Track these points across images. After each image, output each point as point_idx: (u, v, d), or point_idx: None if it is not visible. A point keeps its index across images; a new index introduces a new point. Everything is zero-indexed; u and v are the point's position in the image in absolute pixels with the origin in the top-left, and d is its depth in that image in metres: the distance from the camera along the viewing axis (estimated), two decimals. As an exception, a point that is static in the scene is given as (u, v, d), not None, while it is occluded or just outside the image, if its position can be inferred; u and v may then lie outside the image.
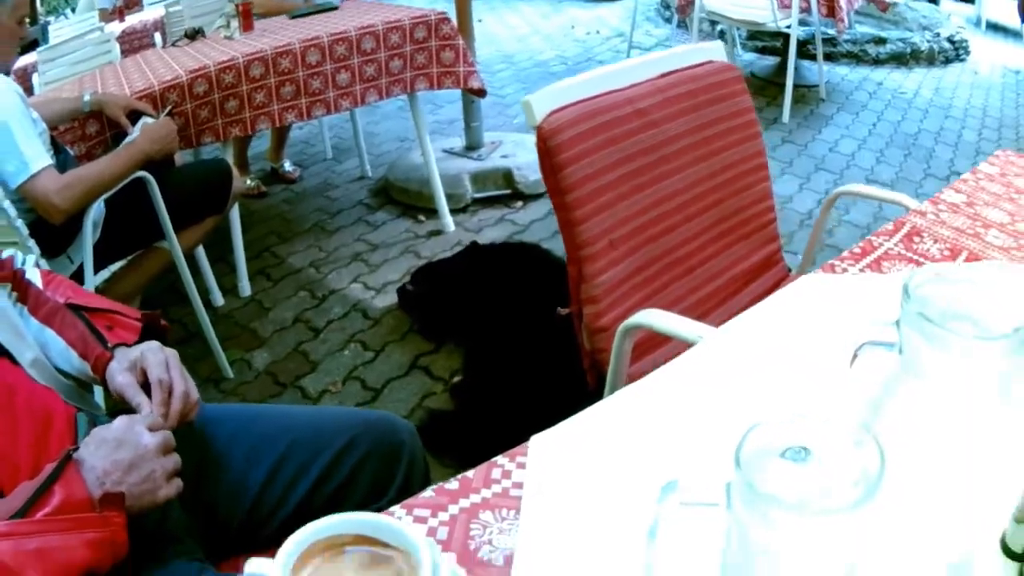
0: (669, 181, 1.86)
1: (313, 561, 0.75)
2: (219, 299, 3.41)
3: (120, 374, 1.26)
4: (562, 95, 1.76)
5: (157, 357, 1.27)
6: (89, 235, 2.45)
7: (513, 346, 2.79)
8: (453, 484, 0.93)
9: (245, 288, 3.50)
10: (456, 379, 2.82)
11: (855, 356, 0.79)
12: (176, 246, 2.71)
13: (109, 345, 1.32)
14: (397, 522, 0.75)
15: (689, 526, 0.68)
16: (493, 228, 3.99)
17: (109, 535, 1.02)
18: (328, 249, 3.89)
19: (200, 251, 3.22)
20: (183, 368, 1.29)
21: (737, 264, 2.02)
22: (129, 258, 2.76)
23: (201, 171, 3.07)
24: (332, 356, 3.06)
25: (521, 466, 0.95)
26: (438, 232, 3.97)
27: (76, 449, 1.08)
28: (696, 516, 0.67)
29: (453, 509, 0.90)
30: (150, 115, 2.86)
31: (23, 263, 1.44)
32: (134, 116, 2.84)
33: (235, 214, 3.35)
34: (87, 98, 2.83)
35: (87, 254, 2.46)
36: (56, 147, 2.53)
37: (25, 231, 2.22)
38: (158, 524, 1.20)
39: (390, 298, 3.40)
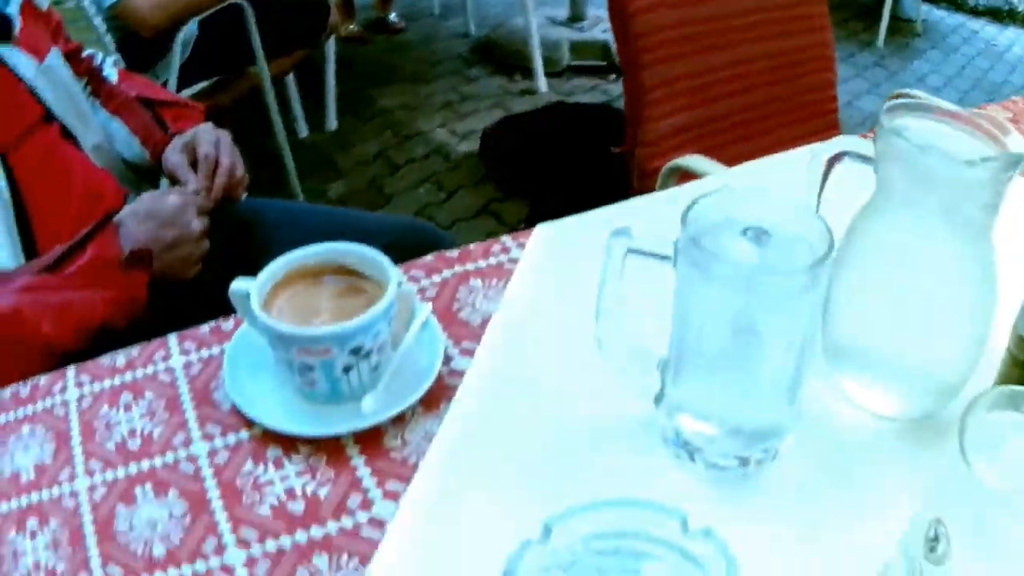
0: (733, 50, 1.87)
1: (293, 286, 0.81)
2: (304, 130, 3.46)
3: (173, 155, 1.32)
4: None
5: (209, 135, 1.33)
6: (177, 55, 2.49)
7: (577, 200, 2.81)
8: (453, 252, 0.97)
9: (332, 122, 3.56)
10: (521, 227, 2.85)
11: (831, 163, 0.81)
12: (266, 73, 2.76)
13: (169, 132, 1.38)
14: (373, 250, 0.80)
15: (641, 280, 0.71)
16: (584, 95, 3.96)
17: (129, 294, 1.08)
18: (421, 95, 3.92)
19: (290, 81, 3.26)
20: (234, 147, 1.34)
21: (793, 143, 2.00)
22: (214, 79, 2.80)
23: (298, 3, 3.10)
24: (406, 192, 3.12)
25: (522, 246, 0.99)
26: (531, 92, 3.96)
27: (117, 212, 1.13)
28: (648, 269, 0.70)
29: (447, 273, 0.94)
30: None
31: (102, 62, 1.49)
32: None
33: (331, 50, 3.38)
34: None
35: (173, 73, 2.50)
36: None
37: (112, 46, 2.28)
38: (187, 301, 1.26)
39: (472, 145, 3.43)
